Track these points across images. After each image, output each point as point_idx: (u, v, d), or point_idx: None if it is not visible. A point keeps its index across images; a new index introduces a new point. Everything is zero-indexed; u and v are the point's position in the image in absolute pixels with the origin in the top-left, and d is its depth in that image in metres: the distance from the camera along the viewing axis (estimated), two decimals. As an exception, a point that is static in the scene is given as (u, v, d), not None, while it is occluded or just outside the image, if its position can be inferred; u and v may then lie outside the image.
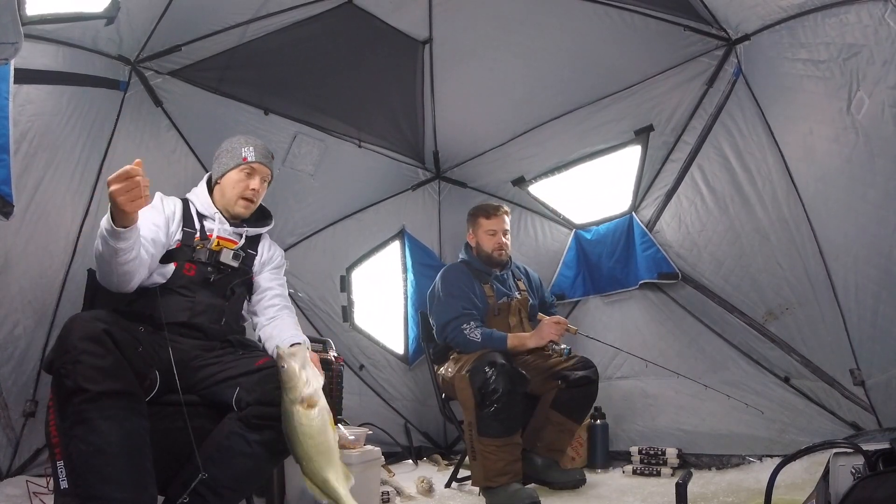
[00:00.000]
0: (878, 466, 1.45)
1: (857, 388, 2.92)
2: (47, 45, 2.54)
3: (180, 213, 2.23)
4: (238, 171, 2.30)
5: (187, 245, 2.18)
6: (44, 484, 2.51)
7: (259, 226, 2.39)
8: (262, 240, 2.42)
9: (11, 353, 2.58)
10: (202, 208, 2.29)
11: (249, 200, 2.31)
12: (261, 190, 2.34)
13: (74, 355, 1.64)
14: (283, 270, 2.47)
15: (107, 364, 1.65)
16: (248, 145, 2.33)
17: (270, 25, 3.20)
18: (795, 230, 3.04)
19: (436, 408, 3.58)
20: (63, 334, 1.70)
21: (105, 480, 1.58)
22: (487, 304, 3.19)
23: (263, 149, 2.36)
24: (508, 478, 2.71)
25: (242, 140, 2.35)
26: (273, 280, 2.38)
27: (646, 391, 3.57)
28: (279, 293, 2.37)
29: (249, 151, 2.31)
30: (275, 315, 2.30)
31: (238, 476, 1.88)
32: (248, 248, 2.33)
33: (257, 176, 2.31)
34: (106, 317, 1.79)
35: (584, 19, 3.29)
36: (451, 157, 4.35)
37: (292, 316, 2.35)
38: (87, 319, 1.74)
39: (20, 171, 2.41)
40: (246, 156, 2.30)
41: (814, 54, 2.58)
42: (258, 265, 2.36)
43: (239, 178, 2.30)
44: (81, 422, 1.60)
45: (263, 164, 2.33)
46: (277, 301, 2.34)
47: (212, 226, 2.26)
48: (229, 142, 2.37)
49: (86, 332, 1.68)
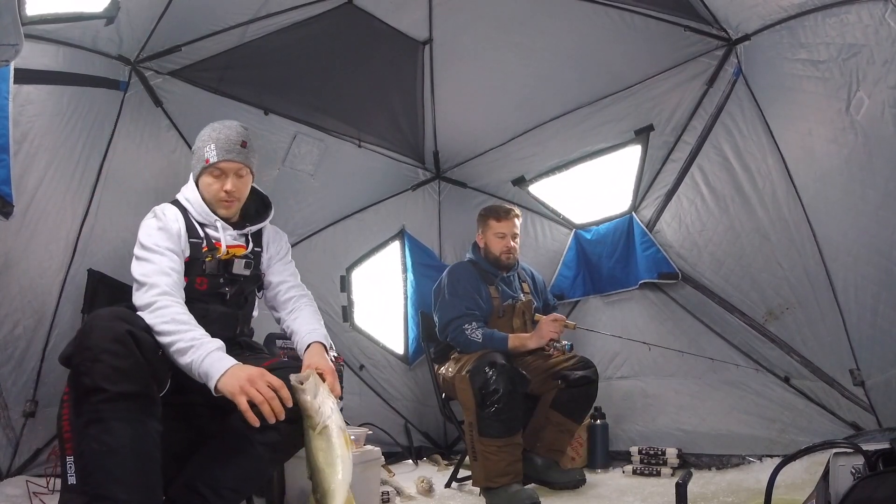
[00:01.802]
0: (878, 466, 1.45)
1: (856, 389, 2.93)
2: (47, 45, 2.53)
3: (183, 225, 2.07)
4: (206, 174, 2.10)
5: (195, 258, 2.06)
6: (44, 484, 2.51)
7: (259, 220, 2.24)
8: (265, 232, 2.28)
9: (11, 353, 2.59)
10: (200, 216, 2.11)
11: (227, 202, 2.11)
12: (239, 186, 2.11)
13: (95, 353, 1.62)
14: (290, 252, 2.34)
15: (127, 365, 1.64)
16: (210, 142, 2.08)
17: (270, 25, 3.20)
18: (795, 230, 3.05)
19: (436, 408, 3.58)
20: (85, 330, 1.68)
21: (114, 481, 1.58)
22: (492, 305, 3.19)
23: (228, 141, 2.09)
24: (509, 478, 2.72)
25: (206, 135, 2.12)
26: (284, 272, 2.27)
27: (646, 391, 3.57)
28: (293, 284, 2.26)
29: (211, 151, 2.07)
30: (293, 308, 2.21)
31: (240, 476, 1.87)
32: (254, 246, 2.21)
33: (228, 176, 2.08)
34: (130, 316, 1.75)
35: (585, 19, 3.29)
36: (451, 157, 4.35)
37: (311, 304, 2.25)
38: (111, 318, 1.70)
39: (20, 172, 2.41)
40: (208, 157, 2.07)
41: (813, 54, 2.58)
42: (266, 262, 2.26)
43: (210, 182, 2.09)
44: (96, 420, 1.60)
45: (230, 161, 2.08)
46: (293, 292, 2.24)
47: (216, 234, 2.12)
48: (199, 137, 2.15)
49: (109, 331, 1.65)
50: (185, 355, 1.73)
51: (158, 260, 1.92)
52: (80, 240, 2.80)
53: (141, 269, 1.91)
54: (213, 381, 1.69)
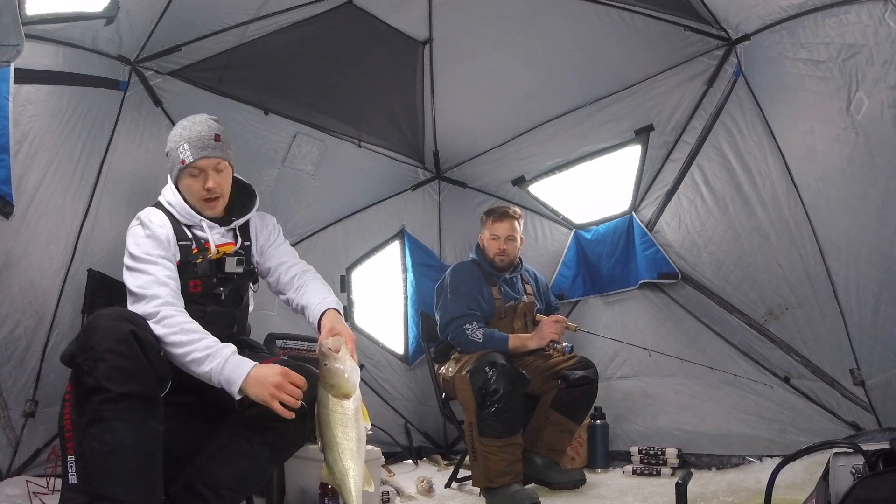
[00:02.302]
0: (878, 466, 1.45)
1: (857, 388, 2.93)
2: (47, 45, 2.53)
3: (171, 229, 2.03)
4: (185, 176, 2.05)
5: (186, 261, 2.03)
6: (44, 484, 2.51)
7: (245, 211, 2.19)
8: (251, 222, 2.22)
9: (11, 353, 2.58)
10: (184, 219, 2.07)
11: (212, 200, 2.07)
12: (220, 182, 2.06)
13: (98, 353, 1.63)
14: (281, 233, 2.29)
15: (129, 365, 1.64)
16: (182, 141, 2.03)
17: (270, 25, 3.20)
18: (795, 230, 3.05)
19: (436, 408, 3.58)
20: (88, 330, 1.68)
21: (116, 481, 1.59)
22: (494, 306, 3.19)
23: (200, 137, 2.03)
24: (509, 478, 2.72)
25: (177, 135, 2.06)
26: (280, 255, 2.22)
27: (646, 391, 3.57)
28: (292, 263, 2.21)
29: (185, 151, 2.02)
30: (299, 284, 2.16)
31: (239, 476, 1.88)
32: (243, 240, 2.18)
33: (207, 173, 2.03)
34: (132, 317, 1.76)
35: (585, 19, 3.29)
36: (451, 157, 4.35)
37: (316, 277, 2.20)
38: (114, 318, 1.71)
39: (21, 172, 2.41)
40: (183, 158, 2.02)
41: (814, 54, 2.58)
42: (257, 252, 2.22)
43: (190, 183, 2.05)
44: (98, 420, 1.61)
45: (208, 158, 2.02)
46: (295, 270, 2.19)
47: (204, 234, 2.08)
48: (170, 138, 2.09)
49: (112, 331, 1.66)
50: (203, 365, 1.74)
51: (153, 270, 1.88)
52: (80, 240, 2.80)
53: (136, 280, 1.87)
54: (237, 387, 1.71)
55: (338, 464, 1.67)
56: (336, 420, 1.68)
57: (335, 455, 1.67)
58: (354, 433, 1.69)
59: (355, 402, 1.72)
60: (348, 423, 1.69)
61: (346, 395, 1.70)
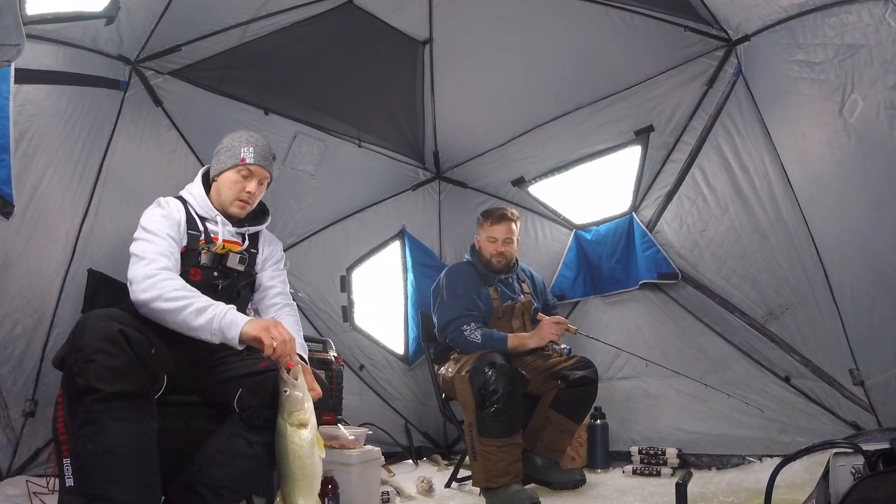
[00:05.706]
0: (878, 466, 1.45)
1: (856, 388, 2.93)
2: (47, 44, 2.54)
3: (184, 216, 2.14)
4: (235, 171, 2.19)
5: (192, 249, 2.11)
6: (44, 484, 2.51)
7: (258, 223, 2.32)
8: (262, 235, 2.36)
9: (11, 353, 2.58)
10: (201, 210, 2.19)
11: (245, 202, 2.21)
12: (258, 192, 2.24)
13: (88, 354, 1.63)
14: (283, 264, 2.42)
15: (120, 364, 1.64)
16: (248, 145, 2.22)
17: (270, 25, 3.20)
18: (794, 231, 3.05)
19: (436, 408, 3.58)
20: (77, 331, 1.68)
21: (112, 481, 1.58)
22: (492, 306, 3.19)
23: (264, 149, 2.26)
24: (509, 478, 2.71)
25: (243, 138, 2.25)
26: (275, 277, 2.33)
27: (647, 391, 3.57)
28: (280, 291, 2.32)
29: (249, 152, 2.20)
30: (275, 315, 2.25)
31: (239, 477, 1.88)
32: (250, 247, 2.28)
33: (255, 179, 2.21)
34: (121, 316, 1.76)
35: (585, 19, 3.29)
36: (451, 158, 4.35)
37: (293, 314, 2.31)
38: (102, 318, 1.71)
39: (20, 171, 2.40)
40: (244, 157, 2.19)
41: (810, 55, 2.58)
42: (260, 263, 2.31)
43: (235, 180, 2.19)
44: (91, 421, 1.60)
45: (262, 167, 2.22)
46: (279, 300, 2.30)
47: (215, 228, 2.18)
48: (230, 138, 2.27)
49: (101, 331, 1.66)
50: (205, 313, 1.78)
51: (159, 242, 1.97)
52: (79, 239, 2.80)
53: (141, 246, 1.96)
54: (238, 329, 1.77)
55: (290, 496, 1.73)
56: (294, 452, 1.73)
57: (290, 488, 1.73)
58: (310, 467, 1.75)
59: (311, 433, 1.76)
60: (304, 454, 1.73)
61: (303, 425, 1.74)
